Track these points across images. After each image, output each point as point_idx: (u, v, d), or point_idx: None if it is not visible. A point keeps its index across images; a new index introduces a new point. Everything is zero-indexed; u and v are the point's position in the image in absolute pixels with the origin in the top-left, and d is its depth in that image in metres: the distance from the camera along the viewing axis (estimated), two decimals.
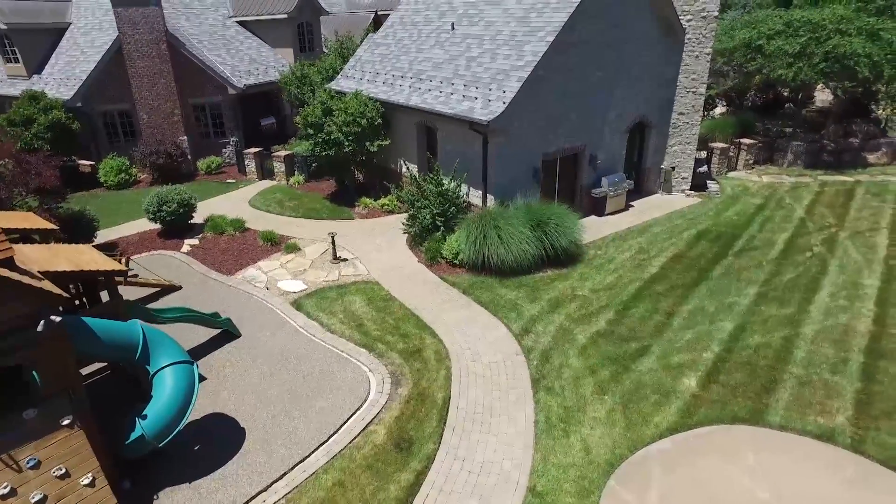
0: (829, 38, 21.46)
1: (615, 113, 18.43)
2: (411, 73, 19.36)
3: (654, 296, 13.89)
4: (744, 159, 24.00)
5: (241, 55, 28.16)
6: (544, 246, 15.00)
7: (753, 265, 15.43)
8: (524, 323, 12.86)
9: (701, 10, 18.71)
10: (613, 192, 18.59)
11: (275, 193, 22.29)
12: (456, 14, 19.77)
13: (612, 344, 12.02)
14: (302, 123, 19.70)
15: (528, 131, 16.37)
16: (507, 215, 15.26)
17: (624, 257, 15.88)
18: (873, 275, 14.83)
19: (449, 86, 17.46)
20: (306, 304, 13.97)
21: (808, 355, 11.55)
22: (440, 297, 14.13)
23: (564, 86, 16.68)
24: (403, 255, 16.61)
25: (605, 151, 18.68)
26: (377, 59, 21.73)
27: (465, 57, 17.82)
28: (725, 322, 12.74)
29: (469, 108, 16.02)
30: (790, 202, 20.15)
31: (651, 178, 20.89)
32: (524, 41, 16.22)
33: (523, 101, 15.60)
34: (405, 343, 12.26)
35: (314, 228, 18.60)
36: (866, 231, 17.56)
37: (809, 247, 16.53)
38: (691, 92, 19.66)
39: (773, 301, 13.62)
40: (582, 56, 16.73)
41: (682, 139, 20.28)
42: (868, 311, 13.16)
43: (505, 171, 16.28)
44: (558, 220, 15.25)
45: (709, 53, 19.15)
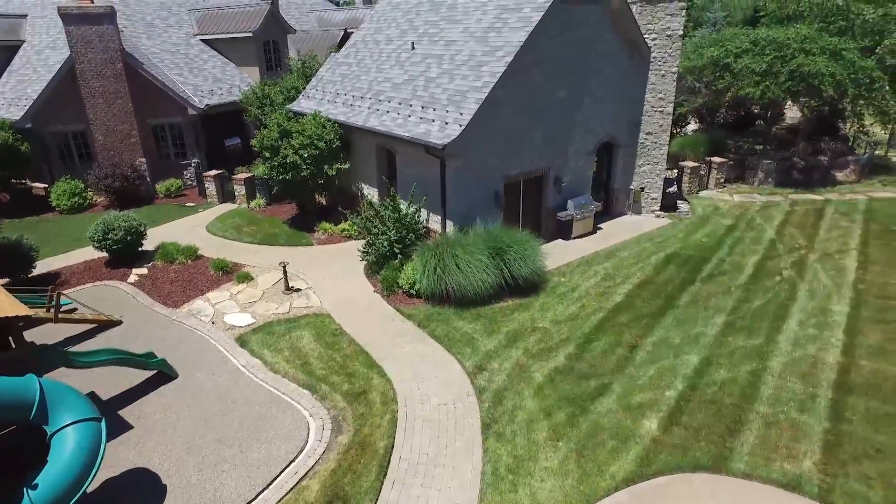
0: (793, 57, 21.24)
1: (580, 133, 17.93)
2: (371, 94, 18.75)
3: (618, 327, 13.27)
4: (715, 178, 23.64)
5: (205, 74, 27.43)
6: (504, 275, 14.34)
7: (722, 291, 14.90)
8: (479, 359, 12.16)
9: (665, 29, 18.34)
10: (580, 215, 18.03)
11: (234, 218, 21.49)
12: (417, 33, 19.23)
13: (570, 382, 11.35)
14: (258, 146, 18.96)
15: (488, 154, 15.79)
16: (465, 242, 14.60)
17: (588, 284, 15.27)
18: (842, 300, 14.36)
19: (407, 107, 16.86)
20: (252, 339, 13.18)
21: (775, 391, 10.97)
22: (393, 331, 13.41)
23: (526, 106, 16.15)
24: (360, 284, 15.89)
25: (570, 173, 18.14)
26: (338, 80, 21.13)
27: (423, 77, 17.25)
28: (691, 355, 12.14)
29: (425, 132, 15.41)
30: (760, 222, 19.74)
31: (620, 199, 20.39)
32: (483, 61, 15.68)
33: (482, 122, 15.03)
34: (351, 384, 11.50)
35: (270, 255, 17.83)
36: (835, 253, 17.14)
37: (779, 270, 16.06)
38: (659, 111, 19.24)
39: (740, 331, 13.07)
40: (543, 76, 16.23)
41: (650, 159, 19.83)
42: (837, 340, 12.64)
43: (464, 196, 15.66)
44: (518, 246, 14.62)
45: (675, 72, 18.77)
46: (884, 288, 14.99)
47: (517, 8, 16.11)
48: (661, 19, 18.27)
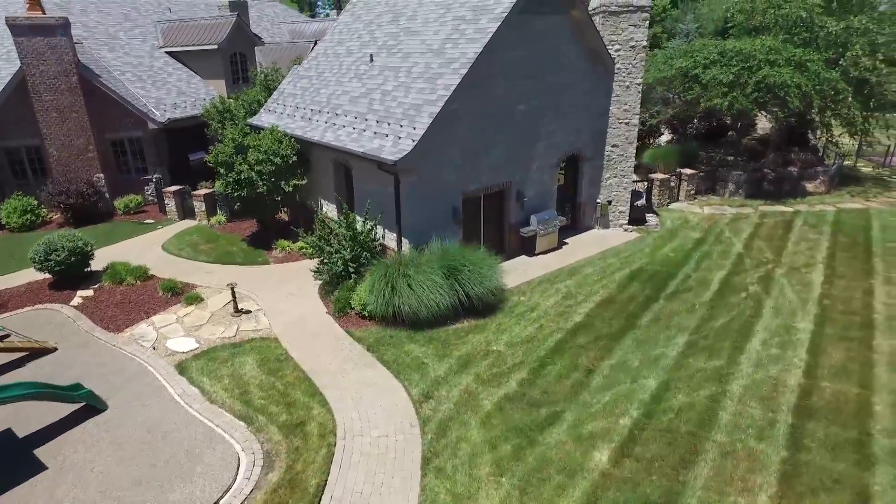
0: (759, 69, 20.99)
1: (543, 147, 17.49)
2: (328, 108, 18.22)
3: (576, 349, 12.75)
4: (685, 190, 23.31)
5: (169, 87, 26.78)
6: (458, 295, 13.78)
7: (685, 309, 14.45)
8: (427, 386, 11.58)
9: (629, 40, 17.99)
10: (543, 231, 17.55)
11: (192, 235, 20.82)
12: (377, 45, 18.75)
13: (520, 410, 10.79)
14: (213, 162, 18.34)
15: (445, 169, 15.29)
16: (419, 261, 14.05)
17: (548, 304, 14.75)
18: (807, 317, 13.96)
19: (363, 122, 16.34)
20: (192, 366, 12.52)
21: (733, 418, 10.47)
22: (342, 356, 12.80)
23: (484, 120, 15.69)
24: (313, 305, 15.28)
25: (533, 187, 17.67)
26: (299, 93, 20.58)
27: (380, 91, 16.75)
28: (649, 379, 11.63)
29: (378, 147, 14.88)
30: (729, 236, 19.37)
31: (587, 212, 19.95)
32: (438, 74, 15.21)
33: (437, 137, 14.55)
34: (289, 414, 10.87)
35: (225, 275, 17.17)
36: (802, 267, 16.78)
37: (745, 286, 15.65)
38: (624, 123, 18.85)
39: (702, 352, 12.59)
40: (503, 88, 15.79)
41: (617, 172, 19.42)
42: (800, 360, 12.20)
43: (420, 213, 15.13)
44: (474, 265, 14.09)
45: (639, 84, 18.41)
46: (848, 303, 14.61)
47: (474, 19, 15.68)
48: (624, 30, 17.92)
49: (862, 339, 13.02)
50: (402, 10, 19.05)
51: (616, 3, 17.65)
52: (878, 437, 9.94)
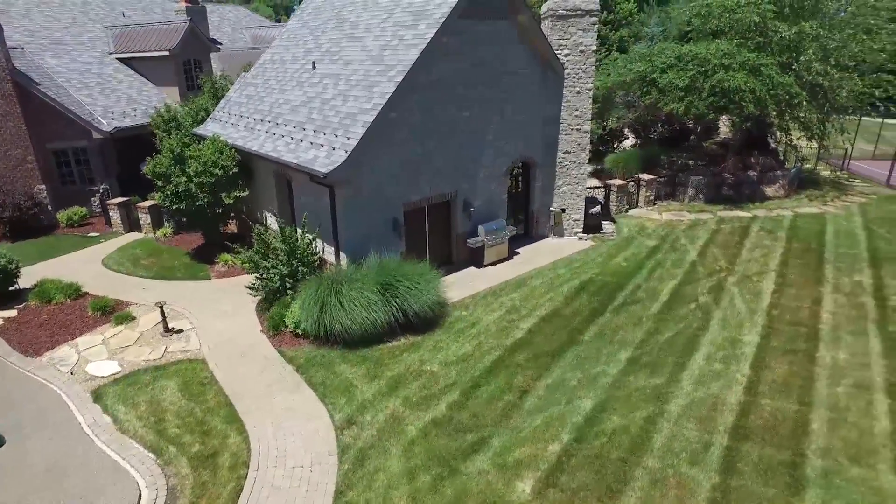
0: (714, 73, 20.71)
1: (490, 155, 17.02)
2: (270, 117, 17.62)
3: (513, 368, 12.25)
4: (644, 196, 22.96)
5: (118, 95, 25.96)
6: (394, 311, 13.22)
7: (632, 323, 14.02)
8: (352, 411, 11.01)
9: (578, 45, 17.59)
10: (492, 241, 17.06)
11: (135, 249, 20.07)
12: (321, 51, 18.19)
13: (446, 436, 10.26)
14: (150, 173, 17.63)
15: (384, 180, 14.75)
16: (354, 277, 13.50)
17: (491, 319, 14.25)
18: (754, 329, 13.59)
19: (301, 132, 15.77)
20: (109, 393, 11.84)
21: (667, 441, 10.02)
22: (269, 378, 12.19)
23: (425, 128, 15.19)
24: (248, 323, 14.65)
25: (482, 196, 17.19)
26: (244, 101, 19.95)
27: (319, 99, 16.19)
28: (585, 400, 11.16)
29: (313, 158, 14.32)
30: (685, 243, 19.02)
31: (541, 221, 19.51)
32: (375, 81, 14.68)
33: (374, 147, 14.05)
34: (203, 444, 10.25)
35: (163, 291, 16.48)
36: (754, 275, 16.46)
37: (695, 297, 15.28)
38: (576, 129, 18.45)
39: (644, 368, 12.15)
40: (444, 96, 15.31)
41: (570, 179, 19.01)
42: (742, 376, 11.81)
43: (358, 226, 14.58)
44: (411, 280, 13.55)
45: (590, 89, 18.01)
46: (796, 313, 14.29)
47: (414, 24, 15.18)
48: (573, 35, 17.52)
49: (806, 351, 12.68)
50: (346, 16, 18.51)
51: (564, 7, 17.25)
52: (811, 457, 9.55)
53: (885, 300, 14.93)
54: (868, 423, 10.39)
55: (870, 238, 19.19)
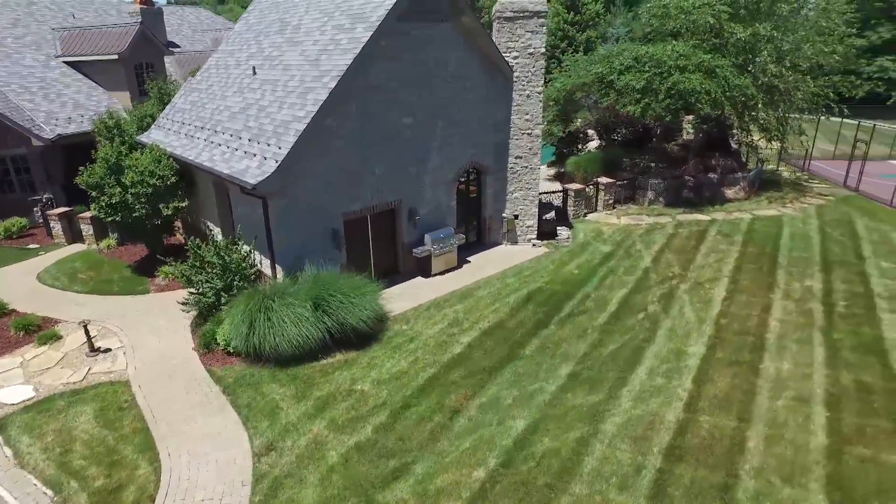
0: (670, 74, 20.41)
1: (436, 161, 16.54)
2: (210, 125, 16.98)
3: (447, 386, 11.78)
4: (603, 199, 22.62)
5: (64, 100, 25.12)
6: (327, 327, 12.69)
7: (576, 335, 13.61)
8: (274, 435, 10.47)
9: (527, 47, 17.18)
10: (439, 250, 16.58)
11: (75, 262, 19.28)
12: (262, 56, 17.59)
13: (367, 462, 9.75)
14: (83, 184, 16.89)
15: (321, 189, 14.22)
16: (286, 291, 12.95)
17: (431, 333, 13.77)
18: (701, 339, 13.25)
19: (237, 140, 15.18)
20: (16, 422, 11.16)
21: (599, 464, 9.60)
22: (194, 400, 11.61)
23: (365, 136, 14.68)
24: (182, 340, 14.03)
25: (428, 204, 16.70)
26: (188, 107, 19.27)
27: (257, 106, 15.61)
28: (518, 420, 10.71)
29: (245, 168, 13.74)
30: (640, 248, 18.68)
31: (494, 228, 19.07)
32: (310, 88, 14.14)
33: (309, 156, 13.55)
34: (109, 477, 9.64)
35: (97, 307, 15.79)
36: (707, 282, 16.15)
37: (645, 306, 14.92)
38: (526, 134, 18.03)
39: (584, 384, 11.74)
40: (384, 101, 14.81)
41: (522, 185, 18.58)
42: (684, 391, 11.44)
43: (293, 237, 14.02)
44: (346, 294, 13.02)
45: (540, 92, 17.60)
46: (744, 322, 13.98)
47: (351, 27, 14.66)
48: (521, 37, 17.10)
49: (750, 362, 12.35)
50: (289, 20, 17.93)
51: (511, 9, 16.82)
52: (745, 478, 9.19)
53: (833, 306, 14.69)
54: (804, 439, 10.06)
55: (824, 241, 19.00)
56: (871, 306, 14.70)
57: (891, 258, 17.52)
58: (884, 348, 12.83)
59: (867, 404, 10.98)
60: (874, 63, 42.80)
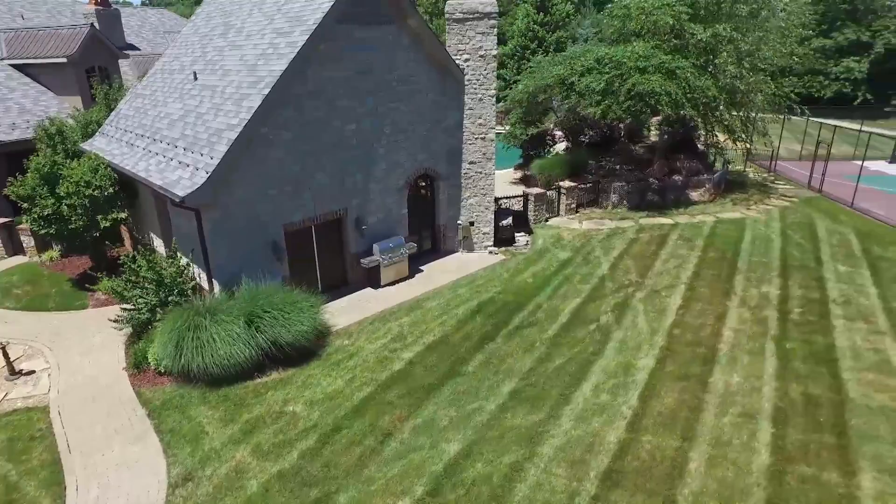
0: (630, 76, 20.05)
1: (385, 168, 16.01)
2: (150, 133, 16.32)
3: (382, 406, 11.25)
4: (565, 204, 22.21)
5: (8, 105, 24.19)
6: (261, 345, 12.12)
7: (523, 349, 13.16)
8: (194, 463, 9.89)
9: (478, 49, 16.70)
10: (389, 260, 16.05)
11: (12, 276, 18.50)
12: (205, 61, 16.95)
13: (289, 492, 9.21)
14: (13, 195, 16.14)
15: (258, 201, 13.64)
16: (219, 308, 12.36)
17: (372, 348, 13.24)
18: (651, 351, 12.85)
19: (173, 149, 14.55)
20: None
21: (531, 492, 9.14)
22: (115, 426, 11.00)
23: (305, 144, 14.13)
24: (113, 360, 13.39)
25: (377, 213, 16.17)
26: (132, 114, 18.56)
27: (195, 113, 14.98)
28: (452, 443, 10.22)
29: (177, 179, 13.14)
30: (598, 255, 18.28)
31: (449, 236, 18.58)
32: (245, 94, 13.56)
33: (244, 166, 13.05)
34: None
35: (29, 325, 15.09)
36: (664, 289, 15.78)
37: (597, 316, 14.50)
38: (480, 138, 17.55)
39: (525, 403, 11.28)
40: (326, 107, 14.26)
41: (477, 191, 18.11)
42: (628, 408, 11.02)
43: (230, 250, 13.44)
44: (281, 309, 12.45)
45: (492, 95, 17.13)
46: (698, 332, 13.62)
47: (289, 31, 14.09)
48: (472, 38, 16.62)
49: (700, 376, 11.97)
50: (233, 22, 17.31)
51: (461, 10, 16.35)
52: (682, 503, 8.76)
53: (788, 314, 14.39)
54: (747, 459, 9.67)
55: (784, 244, 18.74)
56: (826, 313, 14.41)
57: (848, 261, 17.29)
58: (834, 357, 12.53)
59: (813, 418, 10.64)
60: (841, 64, 43.00)
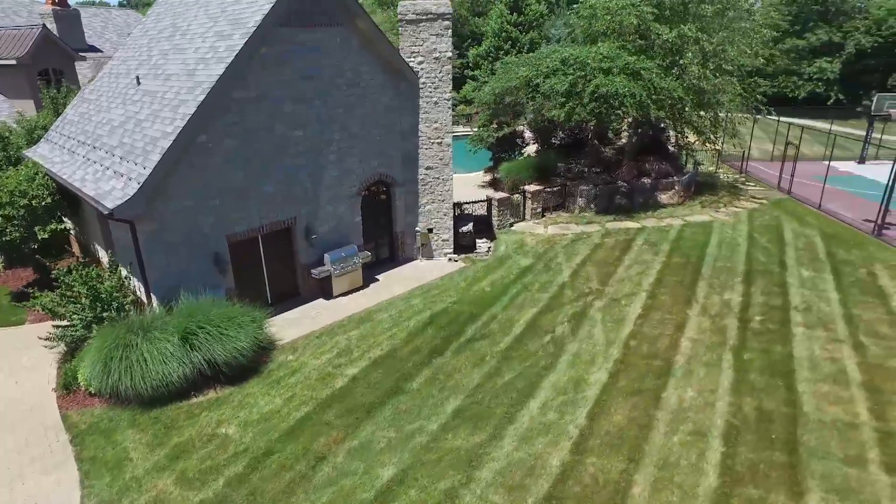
0: (594, 77, 19.64)
1: (336, 176, 15.49)
2: (91, 140, 15.69)
3: (319, 427, 10.74)
4: (531, 208, 21.77)
5: None
6: (196, 363, 11.55)
7: (473, 363, 12.68)
8: (112, 494, 9.34)
9: (432, 51, 16.22)
10: (341, 270, 15.53)
11: None
12: (150, 64, 16.31)
13: None
14: None
15: (199, 212, 13.07)
16: (153, 324, 11.79)
17: (317, 364, 12.72)
18: (605, 365, 12.42)
19: (111, 157, 13.94)
20: None
21: None
22: (33, 454, 10.40)
23: (248, 151, 13.59)
24: (43, 380, 12.77)
25: (328, 221, 15.64)
26: (77, 120, 17.88)
27: (134, 120, 14.38)
28: (387, 468, 9.72)
29: (110, 190, 12.56)
30: (560, 262, 17.85)
31: (407, 243, 18.09)
32: (183, 100, 12.99)
33: (181, 175, 12.54)
34: None
35: None
36: (624, 297, 15.38)
37: (553, 327, 14.06)
38: (436, 143, 17.07)
39: (468, 422, 10.80)
40: (270, 113, 13.74)
41: (435, 197, 17.63)
42: (575, 427, 10.57)
43: (168, 263, 12.87)
44: (218, 325, 11.89)
45: (448, 98, 16.66)
46: (655, 343, 13.22)
47: (230, 34, 13.55)
48: (426, 40, 16.13)
49: (653, 391, 11.56)
50: (180, 24, 16.70)
51: (413, 11, 15.86)
52: None
53: (748, 322, 14.03)
54: (694, 481, 9.26)
55: (750, 248, 18.42)
56: (786, 321, 14.07)
57: (812, 266, 17.00)
58: (791, 368, 12.17)
59: (765, 435, 10.26)
60: (814, 64, 43.03)
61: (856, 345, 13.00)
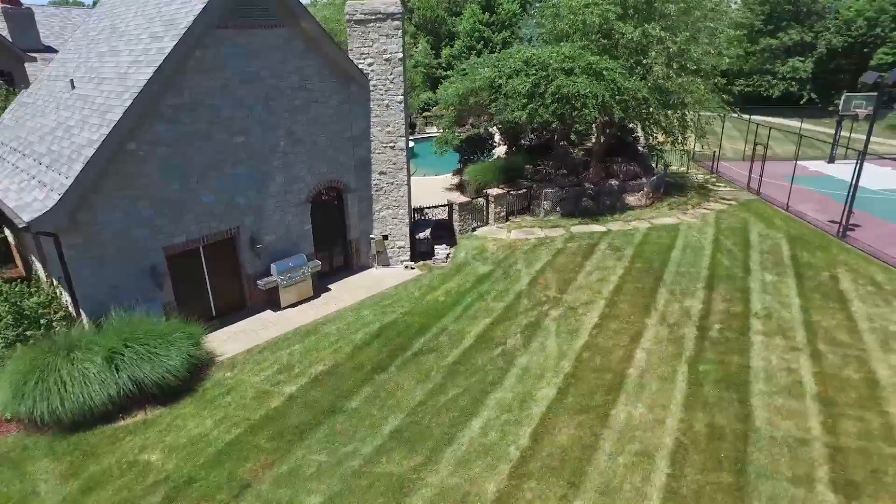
0: (556, 78, 19.16)
1: (281, 183, 14.88)
2: (22, 147, 14.95)
3: (247, 451, 10.15)
4: (494, 212, 21.26)
5: None
6: (116, 383, 10.92)
7: (417, 379, 12.16)
8: None
9: (382, 53, 15.66)
10: (288, 281, 14.93)
11: None
12: (87, 67, 15.62)
13: None
14: None
15: (131, 223, 12.43)
16: (77, 343, 11.17)
17: (254, 381, 12.12)
18: (555, 379, 11.96)
19: (38, 165, 13.23)
20: None
21: None
22: None
23: (184, 159, 12.96)
24: None
25: (275, 230, 15.04)
26: (13, 125, 17.13)
27: (64, 126, 13.70)
28: (313, 496, 9.17)
29: (31, 201, 11.85)
30: (520, 268, 17.36)
31: (362, 251, 17.51)
32: (111, 106, 12.34)
33: (108, 185, 11.92)
34: None
35: None
36: (581, 306, 14.92)
37: (505, 339, 13.56)
38: (389, 147, 16.51)
39: (405, 444, 10.27)
40: (207, 119, 13.13)
41: (389, 202, 17.08)
42: (517, 449, 10.08)
43: (98, 277, 12.23)
44: (146, 343, 11.27)
45: (401, 101, 16.10)
46: (608, 355, 12.75)
47: (162, 36, 12.89)
48: (375, 41, 15.57)
49: (602, 407, 11.09)
50: (118, 25, 16.02)
51: (362, 11, 15.29)
52: None
53: (707, 330, 13.62)
54: None
55: (715, 252, 18.04)
56: (746, 328, 13.69)
57: (775, 269, 16.65)
58: (747, 380, 11.78)
59: (713, 454, 9.82)
60: (787, 63, 42.96)
61: (813, 353, 12.64)
